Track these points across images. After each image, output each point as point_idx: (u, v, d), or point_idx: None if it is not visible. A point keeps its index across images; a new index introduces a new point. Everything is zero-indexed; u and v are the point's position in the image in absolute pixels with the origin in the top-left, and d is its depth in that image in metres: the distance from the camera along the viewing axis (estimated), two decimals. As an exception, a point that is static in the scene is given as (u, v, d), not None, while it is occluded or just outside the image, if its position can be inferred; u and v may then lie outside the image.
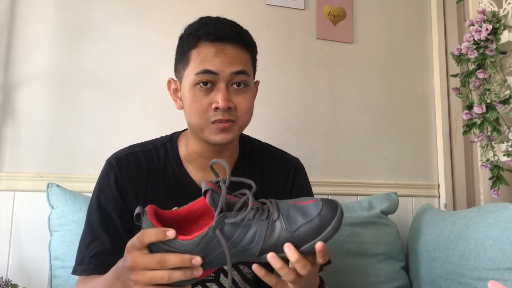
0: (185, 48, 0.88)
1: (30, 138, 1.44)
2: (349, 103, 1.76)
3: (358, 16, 1.82)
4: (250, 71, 0.90)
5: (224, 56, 0.85)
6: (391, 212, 1.55)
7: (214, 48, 0.85)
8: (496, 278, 1.08)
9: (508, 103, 1.44)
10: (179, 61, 0.91)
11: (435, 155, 1.84)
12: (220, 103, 0.84)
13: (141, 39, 1.57)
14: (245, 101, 0.88)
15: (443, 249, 1.29)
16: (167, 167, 0.95)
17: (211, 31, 0.86)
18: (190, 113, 0.88)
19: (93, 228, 0.90)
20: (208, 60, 0.84)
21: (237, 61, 0.86)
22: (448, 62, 1.86)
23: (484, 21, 1.49)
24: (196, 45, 0.86)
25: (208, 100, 0.85)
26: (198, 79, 0.85)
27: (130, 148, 0.98)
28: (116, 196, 0.91)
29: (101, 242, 0.89)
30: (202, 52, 0.85)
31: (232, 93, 0.87)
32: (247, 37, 0.91)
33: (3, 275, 1.33)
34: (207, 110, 0.86)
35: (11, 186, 1.41)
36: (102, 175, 0.95)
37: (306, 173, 1.08)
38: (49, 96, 1.48)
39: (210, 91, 0.86)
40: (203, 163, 0.95)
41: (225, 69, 0.85)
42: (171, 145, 0.98)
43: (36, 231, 1.38)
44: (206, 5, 1.61)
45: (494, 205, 1.22)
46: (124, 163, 0.94)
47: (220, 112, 0.85)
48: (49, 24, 1.51)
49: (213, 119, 0.86)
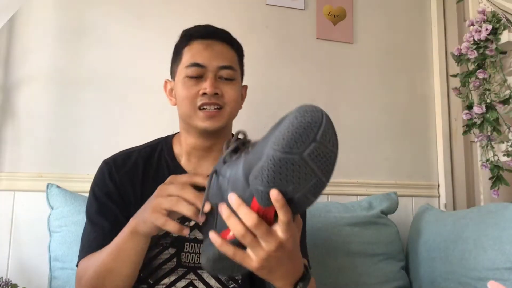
0: (178, 48, 0.98)
1: (30, 138, 1.44)
2: (349, 103, 1.76)
3: (358, 16, 1.82)
4: (236, 67, 0.97)
5: (211, 50, 0.94)
6: (391, 212, 1.55)
7: (203, 44, 0.94)
8: (496, 278, 1.08)
9: (508, 103, 1.44)
10: (173, 62, 1.00)
11: (435, 155, 1.83)
12: (207, 89, 0.91)
13: (141, 39, 1.57)
14: (232, 90, 0.94)
15: (443, 249, 1.29)
16: (161, 161, 0.99)
17: (201, 29, 0.97)
18: (181, 100, 0.94)
19: (91, 219, 0.93)
20: (197, 54, 0.93)
21: (224, 56, 0.94)
22: (448, 62, 1.86)
23: (484, 21, 1.49)
24: (188, 43, 0.96)
25: (197, 88, 0.92)
26: (188, 72, 0.93)
27: (126, 151, 1.01)
28: (111, 188, 0.94)
29: (99, 227, 0.91)
30: (193, 48, 0.95)
31: (220, 83, 0.94)
32: (234, 39, 1.00)
33: (3, 275, 1.33)
34: (196, 96, 0.92)
35: (11, 186, 1.41)
36: (97, 174, 0.98)
37: None
38: (49, 96, 1.47)
39: (199, 81, 0.93)
40: (196, 155, 0.98)
41: (212, 62, 0.93)
42: (166, 142, 1.03)
43: (36, 231, 1.38)
44: (206, 6, 1.60)
45: (494, 205, 1.22)
46: (119, 161, 0.97)
47: (207, 96, 0.91)
48: (49, 24, 1.51)
49: (199, 103, 0.91)
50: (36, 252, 1.37)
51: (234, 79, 0.95)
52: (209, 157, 0.99)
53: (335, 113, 1.74)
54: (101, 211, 0.92)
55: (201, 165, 0.99)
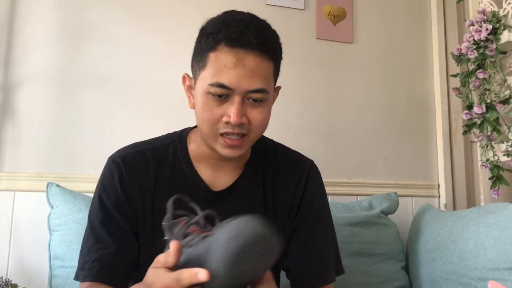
0: (203, 47, 0.81)
1: (30, 138, 1.44)
2: (349, 103, 1.76)
3: (358, 16, 1.82)
4: (270, 85, 0.83)
5: (242, 69, 0.77)
6: (391, 212, 1.55)
7: (234, 56, 0.77)
8: (496, 278, 1.08)
9: (508, 103, 1.44)
10: (196, 59, 0.84)
11: (435, 155, 1.83)
12: (232, 118, 0.78)
13: (141, 39, 1.57)
14: (261, 115, 0.82)
15: (443, 249, 1.29)
16: (176, 166, 0.90)
17: (232, 35, 0.78)
18: (200, 119, 0.83)
19: (96, 230, 0.85)
20: (225, 72, 0.77)
21: (256, 75, 0.79)
22: (448, 62, 1.86)
23: (484, 21, 1.49)
24: (215, 48, 0.79)
25: (220, 111, 0.79)
26: (212, 90, 0.78)
27: (136, 146, 0.92)
28: (121, 197, 0.86)
29: (104, 245, 0.83)
30: (220, 59, 0.78)
31: (247, 106, 0.80)
32: (272, 42, 0.85)
33: (3, 275, 1.33)
34: (218, 121, 0.80)
35: (11, 186, 1.41)
36: (105, 173, 0.89)
37: (320, 177, 1.00)
38: (49, 96, 1.47)
39: (224, 102, 0.79)
40: (213, 163, 0.91)
41: (241, 85, 0.78)
42: (180, 142, 0.93)
43: (36, 231, 1.38)
44: (207, 5, 1.60)
45: (494, 205, 1.22)
46: (130, 162, 0.88)
47: (231, 126, 0.79)
48: (49, 24, 1.51)
49: (222, 131, 0.80)
50: (36, 252, 1.37)
51: (265, 100, 0.82)
52: (226, 167, 0.91)
53: (335, 113, 1.74)
54: (108, 224, 0.85)
55: (219, 176, 0.91)
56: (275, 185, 0.95)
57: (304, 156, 1.02)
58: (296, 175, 0.97)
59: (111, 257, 0.83)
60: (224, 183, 0.92)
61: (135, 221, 0.87)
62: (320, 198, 0.99)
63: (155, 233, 0.86)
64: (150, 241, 0.87)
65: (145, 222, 0.88)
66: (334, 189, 1.66)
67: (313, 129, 1.70)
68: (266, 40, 0.82)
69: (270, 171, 0.96)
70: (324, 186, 1.01)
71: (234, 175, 0.93)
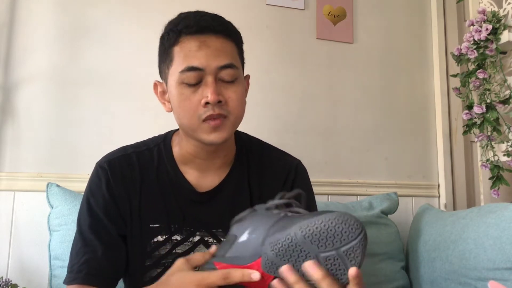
0: (166, 46, 0.85)
1: (30, 138, 1.44)
2: (349, 103, 1.76)
3: (358, 16, 1.83)
4: (238, 63, 0.85)
5: (207, 48, 0.80)
6: (391, 212, 1.55)
7: (196, 41, 0.81)
8: (496, 278, 1.08)
9: (508, 103, 1.44)
10: (162, 61, 0.87)
11: (435, 155, 1.84)
12: (210, 97, 0.79)
13: (141, 39, 1.57)
14: (236, 94, 0.83)
15: (443, 249, 1.29)
16: (161, 169, 0.91)
17: (191, 23, 0.82)
18: (180, 113, 0.83)
19: (84, 234, 0.86)
20: (191, 55, 0.80)
21: (222, 53, 0.81)
22: (448, 62, 1.86)
23: (484, 21, 1.49)
24: (178, 41, 0.82)
25: (197, 97, 0.81)
26: (183, 77, 0.80)
27: (122, 150, 0.93)
28: (108, 201, 0.87)
29: (92, 249, 0.84)
30: (185, 47, 0.81)
31: (221, 87, 0.82)
32: (231, 26, 0.86)
33: (3, 275, 1.33)
34: (197, 108, 0.81)
35: (11, 186, 1.41)
36: (93, 179, 0.91)
37: (308, 177, 1.01)
38: (49, 96, 1.48)
39: (198, 87, 0.81)
40: (198, 164, 0.91)
41: (210, 63, 0.80)
42: (165, 145, 0.94)
43: (36, 231, 1.38)
44: (206, 5, 1.60)
45: (494, 205, 1.22)
46: (116, 166, 0.89)
47: (210, 106, 0.80)
48: (49, 24, 1.51)
49: (204, 116, 0.81)
50: (36, 252, 1.37)
51: (236, 78, 0.83)
52: (212, 167, 0.91)
53: (335, 113, 1.74)
54: (95, 228, 0.86)
55: (205, 177, 0.91)
56: (262, 185, 0.94)
57: (290, 155, 1.02)
58: (282, 175, 0.97)
59: (99, 261, 0.84)
60: (210, 184, 0.92)
61: (123, 225, 0.88)
62: (308, 198, 0.98)
63: (143, 236, 0.88)
64: (138, 243, 0.88)
65: (133, 225, 0.88)
66: (334, 189, 1.66)
67: (313, 129, 1.70)
68: (225, 24, 0.85)
69: (256, 171, 0.96)
70: (311, 186, 1.01)
71: (220, 175, 0.93)
